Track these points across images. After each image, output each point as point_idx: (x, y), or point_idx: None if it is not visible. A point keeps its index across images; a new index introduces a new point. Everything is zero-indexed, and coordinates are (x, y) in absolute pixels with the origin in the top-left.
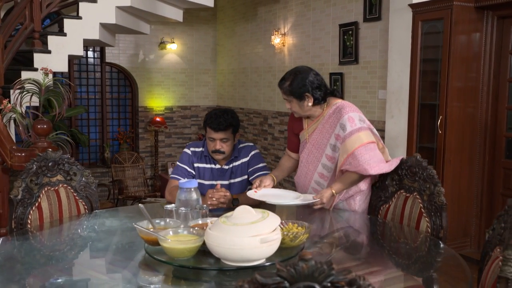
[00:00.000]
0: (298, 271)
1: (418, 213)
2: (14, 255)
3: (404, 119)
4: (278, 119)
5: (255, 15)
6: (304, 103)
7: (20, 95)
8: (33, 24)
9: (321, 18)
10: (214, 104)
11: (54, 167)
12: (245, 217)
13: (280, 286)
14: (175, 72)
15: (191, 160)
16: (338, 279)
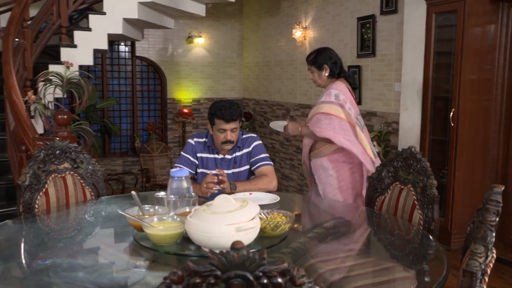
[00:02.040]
0: (229, 259)
1: (411, 205)
2: (17, 236)
3: (417, 112)
4: (299, 111)
5: (278, 9)
6: (322, 73)
7: (44, 87)
8: (60, 20)
9: (340, 12)
10: (240, 96)
11: (61, 155)
12: (224, 206)
13: (212, 274)
14: (202, 65)
15: (195, 150)
16: (269, 268)
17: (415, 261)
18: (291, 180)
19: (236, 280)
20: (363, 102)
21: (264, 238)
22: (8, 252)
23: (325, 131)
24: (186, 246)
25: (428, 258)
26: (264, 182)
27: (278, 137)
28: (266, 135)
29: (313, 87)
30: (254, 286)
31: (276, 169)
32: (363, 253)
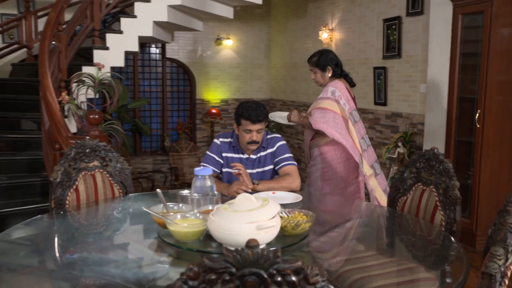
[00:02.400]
0: (244, 257)
1: (433, 206)
2: (49, 231)
3: (443, 113)
4: None
5: (305, 11)
6: (325, 74)
7: (77, 88)
8: (93, 23)
9: (366, 14)
10: (267, 97)
11: (91, 153)
12: (245, 205)
13: (227, 271)
14: (231, 67)
15: (220, 150)
16: (283, 266)
17: (436, 262)
18: None
19: (250, 278)
20: (389, 103)
21: (285, 237)
22: (40, 246)
23: (320, 123)
24: (208, 243)
25: (450, 259)
26: (288, 181)
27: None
28: (293, 135)
29: None
30: (268, 283)
31: (302, 168)
32: (385, 253)
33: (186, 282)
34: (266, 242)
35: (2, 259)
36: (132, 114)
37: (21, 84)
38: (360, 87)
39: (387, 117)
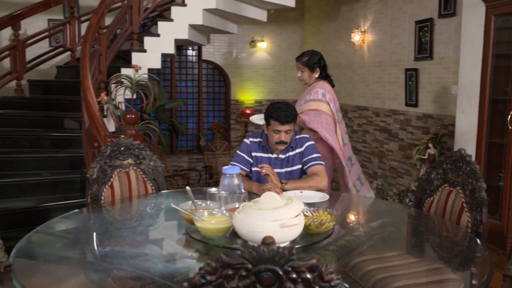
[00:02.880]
0: (260, 254)
1: (460, 208)
2: (85, 224)
3: (474, 114)
4: (357, 112)
5: (338, 14)
6: (313, 74)
7: (116, 88)
8: (132, 27)
9: (398, 16)
10: None
11: (126, 151)
12: (269, 203)
13: (243, 266)
14: (265, 68)
15: (250, 149)
16: (298, 264)
17: (462, 263)
18: None
19: (266, 274)
20: (420, 104)
21: (309, 235)
22: (75, 238)
23: (314, 123)
24: (234, 240)
25: (475, 261)
26: (315, 181)
27: None
28: None
29: (370, 89)
30: (283, 280)
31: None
32: (409, 253)
33: (205, 277)
34: (290, 240)
35: (39, 250)
36: (169, 114)
37: (64, 85)
38: (391, 89)
39: (418, 118)
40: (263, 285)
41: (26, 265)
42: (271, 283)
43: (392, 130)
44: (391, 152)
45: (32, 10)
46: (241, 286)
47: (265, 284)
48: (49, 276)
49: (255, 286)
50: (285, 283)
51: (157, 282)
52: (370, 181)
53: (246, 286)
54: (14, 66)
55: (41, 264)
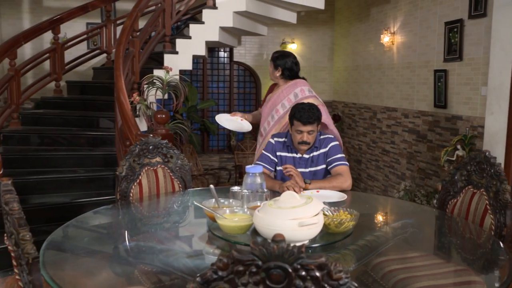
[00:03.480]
0: (269, 251)
1: (483, 210)
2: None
3: (504, 116)
4: (386, 114)
5: (368, 15)
6: (275, 72)
7: (147, 89)
8: (164, 30)
9: (428, 17)
10: (330, 99)
11: (154, 150)
12: (289, 202)
13: (253, 263)
14: None
15: (274, 149)
16: (307, 262)
17: (485, 266)
18: (376, 181)
19: (275, 271)
20: (449, 105)
21: (329, 234)
22: (102, 233)
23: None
24: (255, 238)
25: (499, 264)
26: (339, 181)
27: (365, 139)
28: (354, 136)
29: (399, 90)
30: (292, 277)
31: (362, 169)
32: (431, 254)
33: (216, 272)
34: (309, 238)
35: (69, 243)
36: (200, 114)
37: (100, 86)
38: (420, 90)
39: (447, 119)
40: (273, 281)
41: (55, 257)
42: (280, 280)
43: (420, 131)
44: (419, 154)
45: (70, 14)
46: (252, 282)
47: (275, 281)
48: (75, 268)
49: (265, 283)
50: (294, 280)
51: (180, 277)
52: (397, 182)
53: (257, 282)
54: (53, 68)
55: (69, 257)
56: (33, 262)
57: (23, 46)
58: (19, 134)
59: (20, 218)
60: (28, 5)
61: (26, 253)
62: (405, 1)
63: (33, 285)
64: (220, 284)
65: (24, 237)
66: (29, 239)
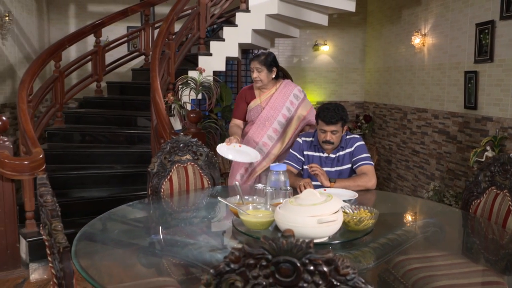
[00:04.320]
0: (279, 246)
1: (506, 211)
2: (143, 214)
3: None
4: (416, 114)
5: (399, 17)
6: (270, 74)
7: (181, 89)
8: (199, 32)
9: (459, 18)
10: (361, 99)
11: (184, 148)
12: (309, 199)
13: (263, 257)
14: (327, 71)
15: (302, 148)
16: (315, 257)
17: (508, 267)
18: (406, 181)
19: (284, 265)
20: (479, 107)
21: (349, 232)
22: (131, 226)
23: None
24: (276, 234)
25: None
26: (363, 180)
27: (395, 139)
28: (384, 137)
29: (430, 91)
30: (301, 272)
31: (392, 169)
32: (453, 254)
33: (229, 265)
34: (328, 235)
35: (99, 234)
36: None
37: (138, 86)
38: (450, 91)
39: (477, 120)
40: (282, 275)
41: (86, 247)
42: (289, 274)
43: (450, 132)
44: (449, 154)
45: (111, 18)
46: (262, 275)
47: (284, 274)
48: (104, 258)
49: (275, 276)
50: (302, 274)
51: (201, 269)
52: (427, 182)
53: (267, 275)
54: (95, 69)
55: (99, 247)
56: (64, 251)
57: (69, 48)
58: (62, 132)
59: (52, 210)
60: (74, 10)
61: (57, 243)
62: (436, 3)
63: (64, 273)
64: (232, 276)
65: (56, 227)
66: (60, 229)
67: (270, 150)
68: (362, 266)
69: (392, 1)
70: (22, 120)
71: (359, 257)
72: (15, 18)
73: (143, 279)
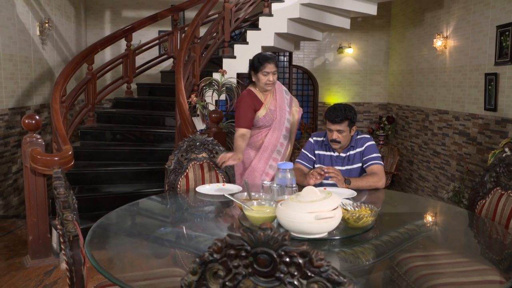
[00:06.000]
0: (256, 237)
1: (510, 211)
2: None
3: None
4: (437, 116)
5: (422, 20)
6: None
7: (204, 91)
8: (224, 36)
9: (480, 21)
10: (385, 101)
11: (201, 146)
12: (309, 196)
13: (243, 248)
14: (351, 73)
15: (313, 148)
16: (290, 249)
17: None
18: (427, 181)
19: (262, 256)
20: (499, 108)
21: (349, 229)
22: (143, 219)
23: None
24: (279, 229)
25: None
26: (373, 180)
27: (417, 140)
28: (407, 138)
29: (451, 93)
30: (277, 263)
31: (414, 170)
32: (456, 253)
33: (212, 255)
34: (326, 231)
35: (113, 225)
36: None
37: (166, 88)
38: (471, 93)
39: (497, 122)
40: (260, 265)
41: (99, 236)
42: (267, 264)
43: (470, 134)
44: (469, 156)
45: (141, 23)
46: (242, 265)
47: (262, 265)
48: (113, 247)
49: (253, 266)
50: (279, 265)
51: None
52: (447, 183)
53: (246, 265)
54: (125, 71)
55: (110, 236)
56: (73, 240)
57: (104, 51)
58: (94, 131)
59: (64, 201)
60: (109, 16)
61: (68, 232)
62: (458, 5)
63: (73, 260)
64: (215, 265)
65: (67, 217)
66: (71, 219)
67: (284, 150)
68: (361, 262)
69: (415, 4)
70: (54, 119)
71: (359, 253)
72: (54, 24)
73: (152, 269)
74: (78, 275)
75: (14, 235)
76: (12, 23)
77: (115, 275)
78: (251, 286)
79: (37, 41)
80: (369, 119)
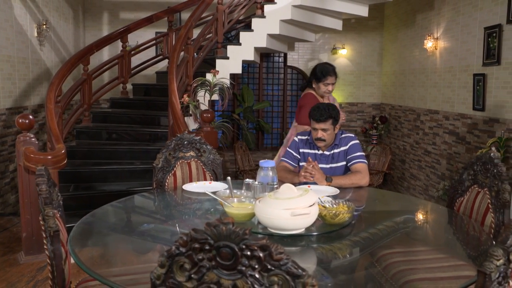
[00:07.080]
0: (219, 232)
1: (485, 208)
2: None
3: None
4: (428, 116)
5: (413, 22)
6: None
7: (196, 91)
8: (217, 37)
9: (469, 22)
10: (378, 101)
11: (188, 145)
12: (286, 193)
13: (206, 242)
14: (345, 73)
15: (298, 146)
16: (250, 243)
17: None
18: (418, 180)
19: (224, 249)
20: (486, 108)
21: (327, 225)
22: (128, 215)
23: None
24: (258, 225)
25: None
26: (356, 178)
27: (409, 140)
28: (399, 137)
29: (441, 93)
30: (239, 256)
31: (405, 169)
32: (433, 249)
33: (178, 248)
34: (302, 228)
35: (96, 222)
36: (256, 115)
37: (161, 88)
38: (460, 93)
39: (485, 122)
40: (223, 259)
41: (82, 232)
42: (229, 258)
43: (460, 133)
44: (458, 155)
45: (137, 25)
46: (206, 258)
47: (224, 258)
48: (97, 243)
49: (216, 259)
50: (240, 258)
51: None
52: (438, 181)
53: (210, 258)
54: (121, 72)
55: (95, 233)
56: (54, 235)
57: (101, 52)
58: (89, 130)
59: (46, 197)
60: (107, 18)
61: (49, 227)
62: (448, 7)
63: (54, 254)
64: (182, 258)
65: (48, 213)
66: (52, 215)
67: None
68: (338, 258)
69: (407, 6)
70: (48, 118)
71: (337, 249)
72: (52, 25)
73: (133, 265)
74: (58, 269)
75: (10, 232)
76: (9, 25)
77: (96, 271)
78: (214, 278)
79: (34, 42)
80: (363, 119)
